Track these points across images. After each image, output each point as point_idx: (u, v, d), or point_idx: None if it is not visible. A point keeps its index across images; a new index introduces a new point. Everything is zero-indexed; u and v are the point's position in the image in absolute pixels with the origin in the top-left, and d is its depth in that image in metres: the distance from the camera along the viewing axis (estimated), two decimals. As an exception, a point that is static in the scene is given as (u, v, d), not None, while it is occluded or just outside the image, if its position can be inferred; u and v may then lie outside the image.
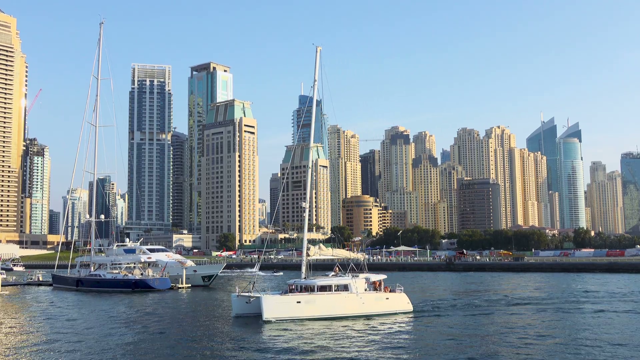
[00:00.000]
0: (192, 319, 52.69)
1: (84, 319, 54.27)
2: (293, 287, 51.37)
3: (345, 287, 50.89)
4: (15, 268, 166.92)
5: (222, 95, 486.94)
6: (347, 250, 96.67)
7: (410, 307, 53.67)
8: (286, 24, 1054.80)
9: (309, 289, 50.19)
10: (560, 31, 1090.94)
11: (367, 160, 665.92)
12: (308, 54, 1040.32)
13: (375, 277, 54.06)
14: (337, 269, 54.88)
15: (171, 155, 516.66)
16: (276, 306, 48.12)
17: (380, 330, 43.89)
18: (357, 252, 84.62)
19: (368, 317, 49.87)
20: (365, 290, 52.04)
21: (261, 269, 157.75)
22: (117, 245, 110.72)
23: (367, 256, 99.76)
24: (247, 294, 50.39)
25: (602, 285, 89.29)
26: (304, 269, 54.67)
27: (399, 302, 53.50)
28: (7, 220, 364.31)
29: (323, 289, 50.22)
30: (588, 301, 64.90)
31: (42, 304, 71.19)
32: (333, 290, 50.51)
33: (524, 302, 63.79)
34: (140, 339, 40.81)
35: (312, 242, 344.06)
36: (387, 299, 52.87)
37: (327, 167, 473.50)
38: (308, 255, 56.56)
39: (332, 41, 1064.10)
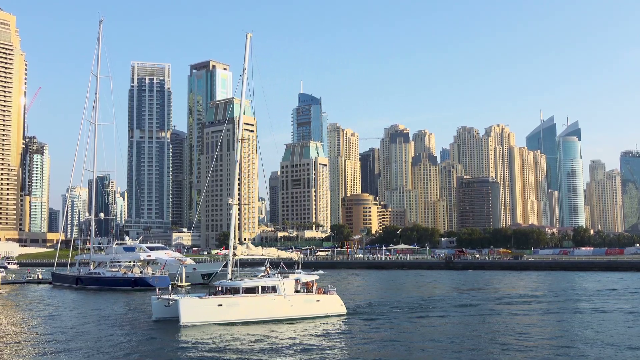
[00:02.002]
0: (113, 322, 49.27)
1: (80, 317, 54.34)
2: (218, 289, 48.81)
3: (273, 289, 48.04)
4: (9, 266, 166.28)
5: (221, 94, 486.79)
6: (286, 250, 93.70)
7: (343, 310, 50.75)
8: (286, 23, 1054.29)
9: (233, 290, 47.42)
10: (560, 31, 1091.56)
11: (366, 159, 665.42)
12: (308, 53, 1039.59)
13: (306, 277, 51.47)
14: (267, 269, 52.15)
15: (171, 154, 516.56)
16: (195, 309, 45.26)
17: (302, 333, 41.75)
18: (292, 252, 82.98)
19: (296, 320, 47.08)
20: (297, 291, 49.36)
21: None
22: (116, 243, 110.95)
23: (302, 255, 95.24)
24: (166, 296, 47.78)
25: (598, 284, 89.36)
26: (229, 269, 52.22)
27: (331, 304, 50.52)
28: (7, 218, 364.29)
29: (249, 290, 47.40)
30: (563, 299, 64.13)
31: (41, 302, 71.22)
32: (259, 292, 47.68)
33: (471, 304, 59.60)
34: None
35: (312, 240, 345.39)
36: (318, 301, 49.86)
37: (326, 165, 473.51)
38: (235, 254, 54.23)
39: (332, 41, 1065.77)
